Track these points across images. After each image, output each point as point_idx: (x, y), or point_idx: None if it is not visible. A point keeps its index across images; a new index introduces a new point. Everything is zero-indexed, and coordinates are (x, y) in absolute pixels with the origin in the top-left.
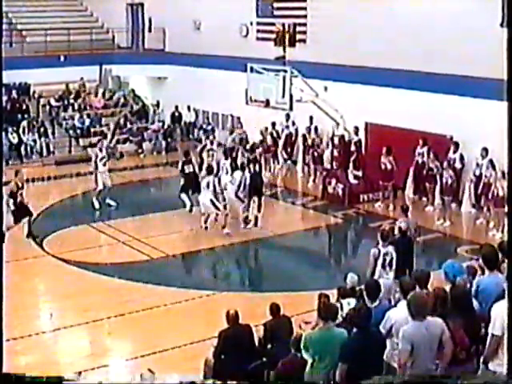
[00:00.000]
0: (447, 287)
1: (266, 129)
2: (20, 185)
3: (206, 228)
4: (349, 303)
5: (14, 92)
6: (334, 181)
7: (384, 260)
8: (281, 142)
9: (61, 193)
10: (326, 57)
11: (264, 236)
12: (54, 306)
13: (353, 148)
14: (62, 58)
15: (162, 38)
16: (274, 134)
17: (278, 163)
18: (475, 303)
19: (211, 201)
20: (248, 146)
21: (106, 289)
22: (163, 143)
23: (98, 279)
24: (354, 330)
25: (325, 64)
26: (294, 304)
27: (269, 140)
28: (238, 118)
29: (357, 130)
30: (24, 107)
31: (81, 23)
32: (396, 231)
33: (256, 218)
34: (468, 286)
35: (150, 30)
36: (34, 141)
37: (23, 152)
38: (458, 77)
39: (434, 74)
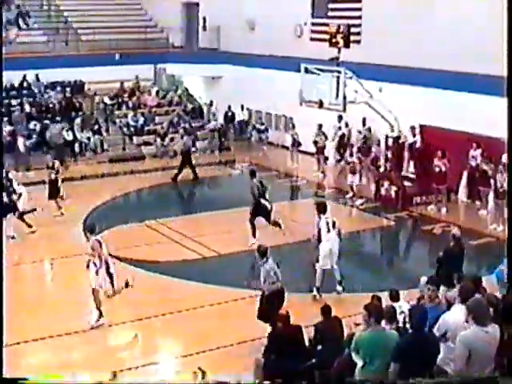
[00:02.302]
0: (498, 293)
1: (320, 128)
2: None
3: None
4: (400, 306)
5: (68, 90)
6: (386, 183)
7: None
8: (333, 143)
9: (114, 190)
10: (380, 58)
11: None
12: (105, 302)
13: (406, 150)
14: (117, 57)
15: (216, 38)
16: (323, 136)
17: (327, 164)
18: None
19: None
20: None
21: (158, 287)
22: (217, 142)
23: (149, 277)
24: (409, 330)
25: (379, 65)
26: (345, 306)
27: (320, 141)
28: (291, 119)
29: (413, 129)
30: (78, 105)
31: (136, 22)
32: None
33: None
34: None
35: (204, 29)
36: (88, 138)
37: (77, 149)
38: None
39: (490, 76)
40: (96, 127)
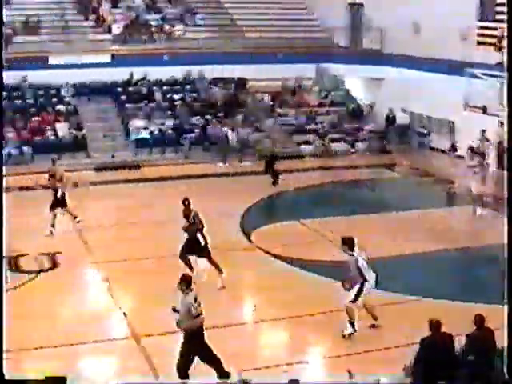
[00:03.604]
0: None
1: (483, 133)
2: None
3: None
4: None
5: (232, 86)
6: None
7: None
8: (493, 150)
9: (271, 188)
10: None
11: (469, 245)
12: (257, 298)
13: None
14: (280, 55)
15: (379, 39)
16: (486, 142)
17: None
18: None
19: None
20: None
21: (310, 285)
22: (377, 145)
23: (302, 275)
24: None
25: None
26: (498, 317)
27: (482, 147)
28: (452, 123)
29: None
30: (240, 101)
31: (300, 21)
32: None
33: None
34: None
35: (368, 30)
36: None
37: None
38: None
39: None
40: (257, 125)
